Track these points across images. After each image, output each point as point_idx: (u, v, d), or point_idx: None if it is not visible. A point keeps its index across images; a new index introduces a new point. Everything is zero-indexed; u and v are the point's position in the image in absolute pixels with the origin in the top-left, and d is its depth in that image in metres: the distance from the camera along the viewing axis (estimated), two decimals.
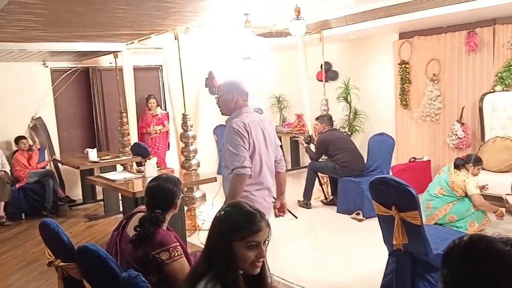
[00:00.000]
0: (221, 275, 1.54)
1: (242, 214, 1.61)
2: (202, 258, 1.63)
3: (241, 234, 1.55)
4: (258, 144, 2.94)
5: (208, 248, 1.62)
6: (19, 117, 6.78)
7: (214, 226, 1.62)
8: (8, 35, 4.73)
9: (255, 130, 2.94)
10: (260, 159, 2.97)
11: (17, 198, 6.21)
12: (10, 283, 4.09)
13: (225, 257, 1.55)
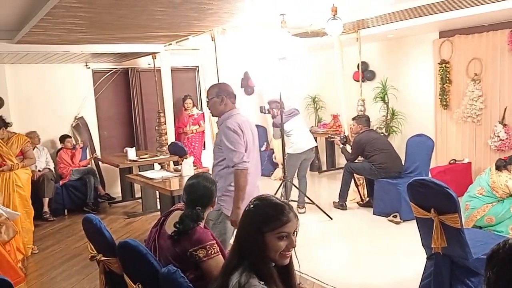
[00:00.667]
0: (254, 266, 1.60)
1: (272, 206, 1.68)
2: (234, 252, 1.69)
3: (271, 225, 1.63)
4: (249, 143, 3.14)
5: (239, 242, 1.69)
6: (63, 117, 7.04)
7: (245, 219, 1.69)
8: (53, 37, 4.92)
9: (247, 130, 3.14)
10: (248, 157, 3.12)
11: (60, 195, 6.46)
12: (53, 276, 4.26)
13: (258, 248, 1.62)
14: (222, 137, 3.11)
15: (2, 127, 4.63)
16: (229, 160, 3.07)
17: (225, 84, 3.37)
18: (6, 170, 4.56)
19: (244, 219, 1.71)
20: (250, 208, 1.69)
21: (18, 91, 6.67)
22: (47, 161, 6.56)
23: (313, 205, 5.61)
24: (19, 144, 4.74)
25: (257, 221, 1.64)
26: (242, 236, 1.68)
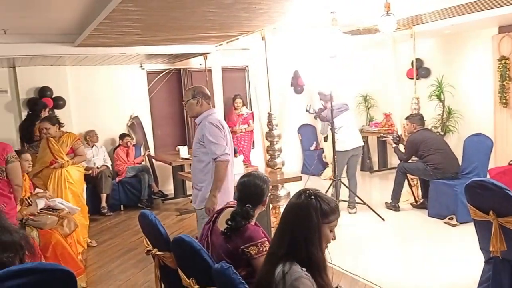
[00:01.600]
0: (308, 256, 1.76)
1: (329, 200, 1.86)
2: (282, 241, 1.83)
3: (330, 217, 1.83)
4: (228, 138, 3.40)
5: (291, 232, 1.81)
6: (119, 116, 7.32)
7: (303, 211, 1.81)
8: (111, 40, 5.13)
9: (225, 126, 3.42)
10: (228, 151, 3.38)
11: (117, 191, 6.73)
12: (111, 269, 4.44)
13: (317, 238, 1.79)
14: (205, 132, 3.32)
15: (56, 124, 4.86)
16: (212, 153, 3.29)
17: (200, 87, 3.56)
18: (57, 168, 4.76)
19: (300, 211, 1.82)
20: (310, 200, 1.81)
21: (78, 92, 7.00)
22: (104, 159, 6.86)
23: (364, 206, 5.51)
24: (69, 142, 4.93)
25: (320, 213, 1.79)
26: (300, 226, 1.79)
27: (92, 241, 5.17)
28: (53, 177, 4.71)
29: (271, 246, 1.97)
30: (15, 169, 3.18)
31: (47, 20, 4.55)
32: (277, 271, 1.76)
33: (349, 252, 4.49)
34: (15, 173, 3.17)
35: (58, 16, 4.43)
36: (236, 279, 1.78)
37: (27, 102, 6.55)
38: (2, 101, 6.57)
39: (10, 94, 6.61)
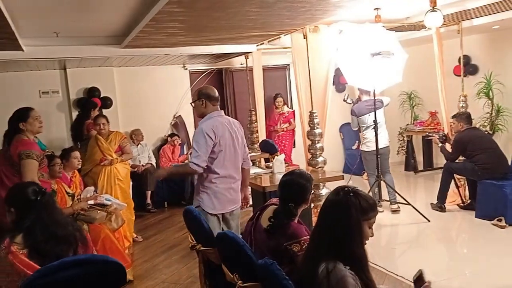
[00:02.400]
0: (350, 253, 1.78)
1: (368, 197, 1.89)
2: (321, 239, 1.86)
3: (370, 214, 1.85)
4: (224, 143, 3.30)
5: (330, 229, 1.84)
6: (163, 115, 7.51)
7: (343, 209, 1.83)
8: (156, 41, 5.27)
9: (222, 131, 3.31)
10: (225, 156, 3.32)
11: (161, 188, 6.90)
12: (156, 264, 4.57)
13: (358, 235, 1.81)
14: (194, 136, 3.36)
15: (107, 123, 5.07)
16: (191, 156, 3.34)
17: (206, 87, 3.54)
18: (107, 165, 4.95)
19: (339, 208, 1.84)
20: (349, 197, 1.83)
21: (124, 92, 7.23)
22: (149, 157, 7.05)
23: (408, 206, 5.39)
24: (117, 140, 5.13)
25: (359, 210, 1.81)
26: (340, 223, 1.81)
27: (138, 236, 5.34)
28: (103, 174, 4.90)
29: (311, 244, 2.00)
30: (23, 166, 3.28)
31: (96, 23, 4.73)
32: (320, 269, 1.77)
33: (392, 253, 4.42)
34: (23, 170, 3.26)
35: (107, 19, 4.60)
36: (280, 275, 1.80)
37: (77, 102, 6.83)
38: (54, 101, 6.88)
39: (61, 94, 6.91)
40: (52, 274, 1.94)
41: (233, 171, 3.42)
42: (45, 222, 2.21)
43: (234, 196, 3.45)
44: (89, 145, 5.17)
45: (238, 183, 3.50)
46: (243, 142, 3.52)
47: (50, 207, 2.32)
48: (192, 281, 3.98)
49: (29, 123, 3.45)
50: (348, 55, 5.26)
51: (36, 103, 6.63)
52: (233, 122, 3.49)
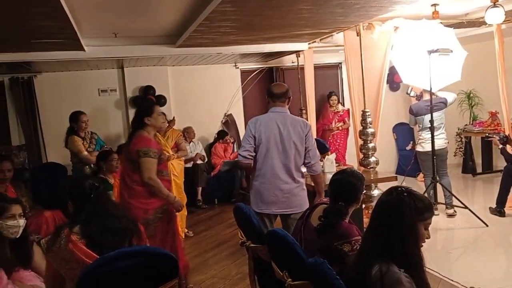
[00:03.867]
0: (404, 254, 1.73)
1: (423, 197, 1.84)
2: (375, 239, 1.80)
3: (425, 215, 1.80)
4: (266, 139, 3.27)
5: (384, 230, 1.78)
6: (214, 113, 7.63)
7: (397, 209, 1.78)
8: (208, 40, 5.36)
9: (266, 127, 3.29)
10: (266, 154, 3.28)
11: (212, 185, 7.01)
12: (206, 259, 4.66)
13: (413, 236, 1.76)
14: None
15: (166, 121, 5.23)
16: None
17: (271, 86, 3.54)
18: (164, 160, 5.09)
19: (393, 208, 1.80)
20: (403, 197, 1.78)
21: (177, 90, 7.41)
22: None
23: (465, 210, 5.16)
24: (173, 137, 5.31)
25: (414, 211, 1.76)
26: (393, 224, 1.76)
27: (189, 231, 5.46)
28: None
29: (363, 245, 1.96)
30: (141, 164, 3.28)
31: (152, 23, 4.88)
32: (373, 271, 1.72)
33: (448, 257, 4.26)
34: (142, 168, 3.27)
35: (162, 19, 4.73)
36: (331, 274, 1.78)
37: (133, 100, 7.08)
38: (112, 99, 7.17)
39: (119, 92, 7.19)
40: (109, 264, 2.03)
41: (279, 170, 3.29)
42: (100, 215, 2.27)
43: (284, 199, 3.31)
44: None
45: (292, 186, 3.32)
46: (302, 144, 3.31)
47: (104, 200, 2.39)
48: (241, 277, 4.02)
49: (153, 118, 3.47)
50: (403, 52, 5.11)
51: (95, 101, 6.99)
52: (292, 120, 3.35)
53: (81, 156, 4.89)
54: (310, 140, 3.34)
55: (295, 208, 3.31)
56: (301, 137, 3.30)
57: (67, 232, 2.21)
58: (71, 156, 5.08)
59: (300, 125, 3.32)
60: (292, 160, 3.31)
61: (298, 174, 3.36)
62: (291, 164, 3.31)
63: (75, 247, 2.14)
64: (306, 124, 3.36)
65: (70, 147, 4.95)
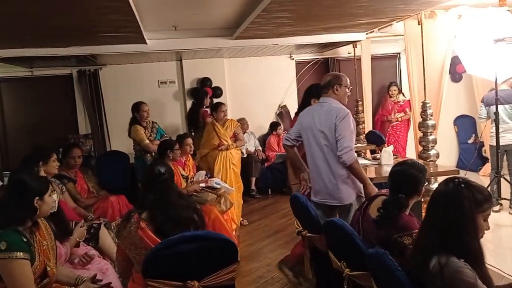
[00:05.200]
0: (464, 246, 1.70)
1: (483, 189, 1.81)
2: (431, 232, 1.78)
3: (484, 206, 1.77)
4: (304, 129, 3.34)
5: (441, 222, 1.76)
6: (268, 105, 7.68)
7: (456, 200, 1.75)
8: (265, 32, 5.39)
9: (305, 117, 3.35)
10: (307, 144, 3.33)
11: (265, 175, 7.08)
12: (260, 247, 4.73)
13: (472, 228, 1.73)
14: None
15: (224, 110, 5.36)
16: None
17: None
18: (223, 149, 5.27)
19: (451, 199, 1.77)
20: (460, 188, 1.76)
21: (232, 82, 7.52)
22: (255, 146, 7.28)
23: None
24: (232, 127, 5.44)
25: (472, 202, 1.74)
26: (451, 216, 1.73)
27: (244, 220, 5.56)
28: (219, 158, 5.23)
29: (420, 237, 1.92)
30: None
31: (210, 16, 4.98)
32: (431, 263, 1.71)
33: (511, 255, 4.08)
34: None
35: (220, 12, 4.82)
36: (392, 265, 1.77)
37: (191, 92, 7.26)
38: (171, 91, 7.40)
39: (177, 84, 7.41)
40: (173, 247, 2.13)
41: (318, 160, 3.25)
42: (162, 205, 2.34)
43: (325, 189, 3.24)
44: (205, 130, 5.53)
45: (330, 177, 3.20)
46: (331, 132, 3.16)
47: (167, 189, 2.42)
48: None
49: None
50: (468, 42, 4.90)
51: (155, 92, 7.23)
52: (327, 109, 3.23)
53: (143, 145, 5.11)
54: (341, 129, 3.12)
55: (335, 200, 3.23)
56: (331, 126, 3.17)
57: (136, 218, 2.31)
58: (134, 144, 5.32)
59: (332, 114, 3.18)
60: (326, 150, 3.23)
61: (337, 165, 3.19)
62: (327, 155, 3.23)
63: (144, 233, 2.25)
64: (339, 112, 3.16)
65: (133, 136, 5.18)
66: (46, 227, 2.48)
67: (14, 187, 2.37)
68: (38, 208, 2.29)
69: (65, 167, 4.36)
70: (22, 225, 2.24)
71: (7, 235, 2.15)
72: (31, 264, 2.19)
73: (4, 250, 2.10)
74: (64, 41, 5.16)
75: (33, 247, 2.26)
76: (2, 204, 2.32)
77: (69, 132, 7.08)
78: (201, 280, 2.14)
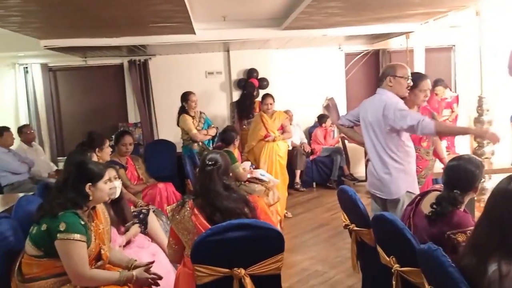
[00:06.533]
0: None
1: None
2: (490, 233, 1.68)
3: None
4: (361, 119, 3.25)
5: (502, 222, 1.65)
6: (315, 97, 7.57)
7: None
8: (314, 22, 5.31)
9: (361, 109, 3.28)
10: (363, 134, 3.23)
11: (310, 169, 7.03)
12: (304, 240, 4.71)
13: None
14: None
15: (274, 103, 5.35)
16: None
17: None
18: (270, 141, 5.27)
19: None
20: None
21: (279, 73, 7.46)
22: (301, 138, 7.22)
23: None
24: (280, 119, 5.41)
25: None
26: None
27: (288, 212, 5.54)
28: (266, 150, 5.25)
29: (477, 237, 1.81)
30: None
31: (259, 6, 4.96)
32: (490, 269, 1.61)
33: None
34: None
35: (269, 2, 4.80)
36: (445, 262, 1.70)
37: (237, 83, 7.29)
38: (218, 81, 7.45)
39: (224, 75, 7.45)
40: (220, 233, 2.14)
41: (371, 152, 3.16)
42: (207, 193, 2.34)
43: (376, 181, 3.17)
44: (253, 121, 5.55)
45: (382, 170, 3.10)
46: (380, 125, 3.04)
47: (211, 179, 2.37)
48: (340, 261, 4.00)
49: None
50: None
51: (202, 83, 7.31)
52: (376, 101, 3.11)
53: (191, 134, 5.18)
54: (393, 116, 2.94)
55: (383, 193, 3.14)
56: (379, 119, 3.04)
57: (191, 204, 2.34)
58: (182, 133, 5.41)
59: (380, 106, 3.03)
60: (375, 143, 3.12)
61: (386, 158, 3.07)
62: (377, 147, 3.13)
63: (197, 219, 2.28)
64: (386, 103, 3.00)
65: (181, 125, 5.27)
66: (103, 211, 2.56)
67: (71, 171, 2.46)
68: (91, 194, 2.36)
69: (116, 154, 4.49)
70: (80, 209, 2.33)
71: (66, 216, 2.24)
72: (87, 246, 2.27)
73: (63, 231, 2.19)
74: (117, 32, 5.31)
75: (90, 230, 2.34)
76: (60, 187, 2.42)
77: (119, 120, 7.31)
78: (248, 268, 2.14)
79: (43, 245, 2.25)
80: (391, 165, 3.07)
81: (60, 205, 2.28)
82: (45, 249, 2.25)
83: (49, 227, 2.23)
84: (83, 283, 2.26)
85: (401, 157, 3.06)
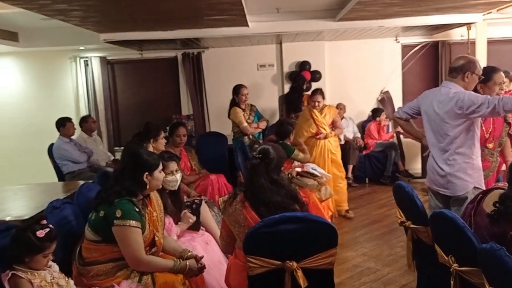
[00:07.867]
0: None
1: None
2: None
3: None
4: (423, 112, 3.14)
5: None
6: (370, 90, 7.39)
7: None
8: (371, 13, 5.16)
9: (424, 100, 3.14)
10: (425, 127, 3.12)
11: (363, 164, 6.87)
12: (356, 236, 4.62)
13: None
14: None
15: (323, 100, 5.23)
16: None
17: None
18: (322, 138, 5.12)
19: None
20: None
21: (332, 65, 7.34)
22: (354, 132, 7.08)
23: None
24: (331, 114, 5.25)
25: None
26: None
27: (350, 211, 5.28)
28: (317, 147, 5.12)
29: None
30: None
31: None
32: None
33: None
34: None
35: None
36: (509, 262, 1.60)
37: (289, 75, 7.24)
38: (269, 74, 7.43)
39: (276, 68, 7.42)
40: (273, 226, 2.14)
41: (433, 146, 3.04)
42: (253, 186, 2.34)
43: (436, 177, 3.04)
44: (300, 116, 5.43)
45: (439, 162, 3.00)
46: (448, 118, 2.92)
47: (257, 172, 2.36)
48: (393, 259, 3.90)
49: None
50: None
51: (254, 75, 7.33)
52: (444, 94, 2.97)
53: (241, 127, 5.21)
54: (471, 105, 2.79)
55: (448, 190, 3.01)
56: (449, 112, 2.90)
57: (241, 197, 2.35)
58: (232, 126, 5.45)
59: (450, 98, 2.90)
60: (441, 137, 3.00)
61: (451, 153, 2.95)
62: (442, 141, 3.00)
63: (248, 213, 2.29)
64: (459, 95, 2.86)
65: (232, 117, 5.30)
66: (157, 199, 2.64)
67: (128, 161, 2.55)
68: (148, 183, 2.43)
69: (171, 145, 4.59)
70: (135, 197, 2.41)
71: (122, 204, 2.32)
72: (142, 232, 2.34)
73: (120, 217, 2.28)
74: (172, 25, 5.42)
75: (144, 217, 2.41)
76: (118, 176, 2.50)
77: (173, 112, 7.47)
78: (300, 262, 2.12)
79: (101, 231, 2.35)
80: (458, 160, 2.95)
81: (116, 193, 2.36)
82: (103, 234, 2.34)
83: (106, 213, 2.32)
84: (141, 268, 2.34)
85: (468, 152, 2.95)
